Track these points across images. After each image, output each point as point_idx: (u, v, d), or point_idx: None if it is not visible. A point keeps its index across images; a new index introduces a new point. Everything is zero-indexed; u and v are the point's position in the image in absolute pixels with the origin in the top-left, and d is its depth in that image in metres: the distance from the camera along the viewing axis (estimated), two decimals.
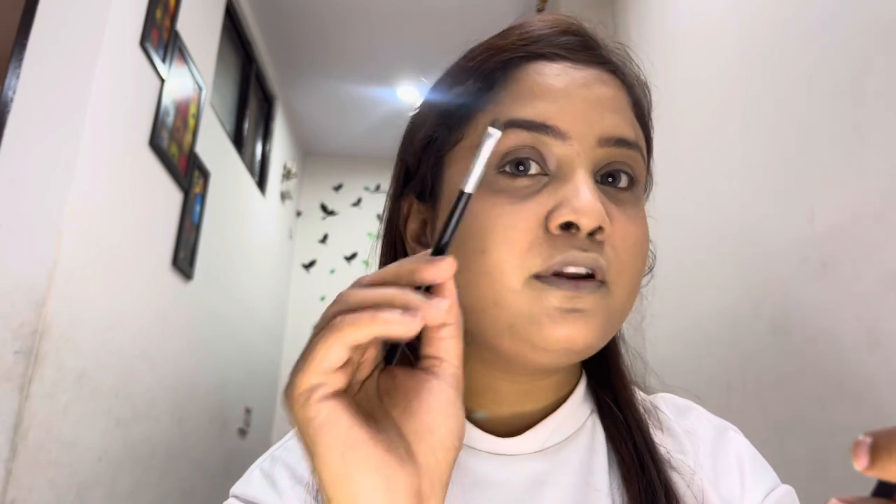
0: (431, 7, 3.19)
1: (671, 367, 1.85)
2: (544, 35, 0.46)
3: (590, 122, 0.42)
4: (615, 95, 0.45)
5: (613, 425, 0.48)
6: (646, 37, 2.29)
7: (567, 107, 0.42)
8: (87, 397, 1.77)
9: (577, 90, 0.43)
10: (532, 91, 0.43)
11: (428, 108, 0.49)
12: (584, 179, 0.41)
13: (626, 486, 0.44)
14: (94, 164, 1.76)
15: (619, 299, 0.42)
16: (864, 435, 0.20)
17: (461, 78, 0.47)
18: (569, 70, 0.44)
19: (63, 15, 1.76)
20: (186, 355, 2.52)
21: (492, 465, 0.45)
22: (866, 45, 1.04)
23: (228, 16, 2.99)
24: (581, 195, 0.39)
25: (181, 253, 2.38)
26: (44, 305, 1.56)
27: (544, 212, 0.40)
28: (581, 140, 0.42)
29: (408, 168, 0.50)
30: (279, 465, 0.47)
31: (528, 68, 0.44)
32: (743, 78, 1.51)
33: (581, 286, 0.40)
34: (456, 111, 0.46)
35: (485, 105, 0.44)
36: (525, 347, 0.41)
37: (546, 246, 0.40)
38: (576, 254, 0.40)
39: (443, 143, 0.46)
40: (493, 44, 0.47)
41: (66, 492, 1.68)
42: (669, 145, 2.00)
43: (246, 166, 3.34)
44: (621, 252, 0.42)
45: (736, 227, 1.49)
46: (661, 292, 2.09)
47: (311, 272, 4.51)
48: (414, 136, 0.49)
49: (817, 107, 1.18)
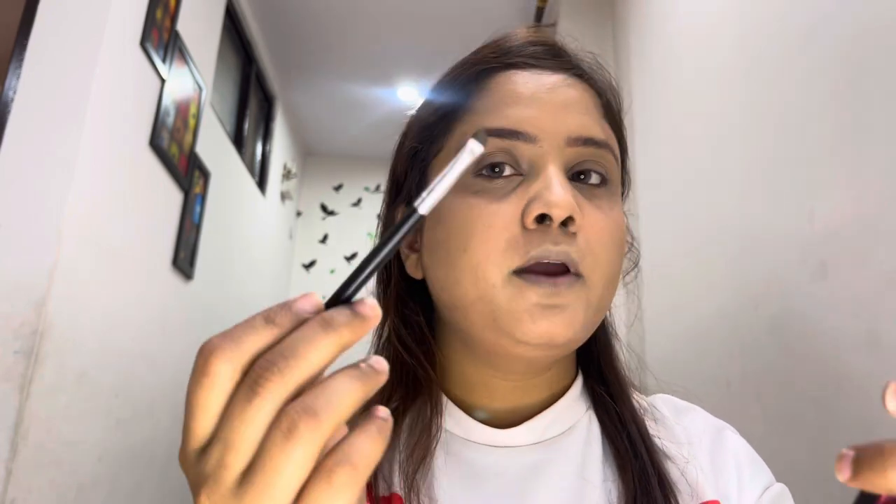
0: (431, 7, 3.19)
1: (671, 366, 1.85)
2: (514, 47, 0.49)
3: (557, 124, 0.45)
4: (581, 97, 0.47)
5: (608, 417, 0.50)
6: (646, 37, 2.29)
7: (535, 111, 0.45)
8: (87, 397, 1.77)
9: (543, 94, 0.46)
10: (503, 100, 0.46)
11: (412, 123, 0.52)
12: (554, 174, 0.43)
13: (621, 474, 0.46)
14: (94, 164, 1.76)
15: (597, 290, 0.44)
16: (847, 448, 0.21)
17: (440, 93, 0.50)
18: (536, 76, 0.47)
19: (63, 15, 1.76)
20: (186, 355, 2.52)
21: (490, 457, 0.47)
22: (866, 44, 1.04)
23: (228, 16, 3.00)
24: (552, 188, 0.42)
25: (181, 253, 2.38)
26: (44, 305, 1.56)
27: (520, 209, 0.43)
28: (550, 140, 0.44)
29: (397, 178, 0.53)
30: None
31: (498, 78, 0.47)
32: (742, 78, 1.51)
33: (559, 282, 0.42)
34: (436, 123, 0.49)
35: (461, 115, 0.47)
36: (509, 341, 0.43)
37: (523, 242, 0.42)
38: (549, 247, 0.42)
39: (426, 153, 0.49)
40: (468, 59, 0.50)
41: (66, 492, 1.68)
42: (669, 145, 2.00)
43: (246, 166, 3.34)
44: (594, 243, 0.43)
45: (735, 227, 1.49)
46: (661, 292, 2.09)
47: (311, 272, 4.51)
48: (401, 149, 0.52)
49: (817, 106, 1.18)
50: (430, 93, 0.52)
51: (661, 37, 2.13)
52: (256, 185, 3.58)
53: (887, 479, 0.20)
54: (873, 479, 0.20)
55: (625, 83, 2.48)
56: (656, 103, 2.15)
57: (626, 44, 2.49)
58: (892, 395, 0.21)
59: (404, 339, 0.50)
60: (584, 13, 2.73)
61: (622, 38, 2.55)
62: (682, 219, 1.85)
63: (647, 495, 0.44)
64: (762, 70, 1.41)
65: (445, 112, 0.48)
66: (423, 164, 0.49)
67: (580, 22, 2.72)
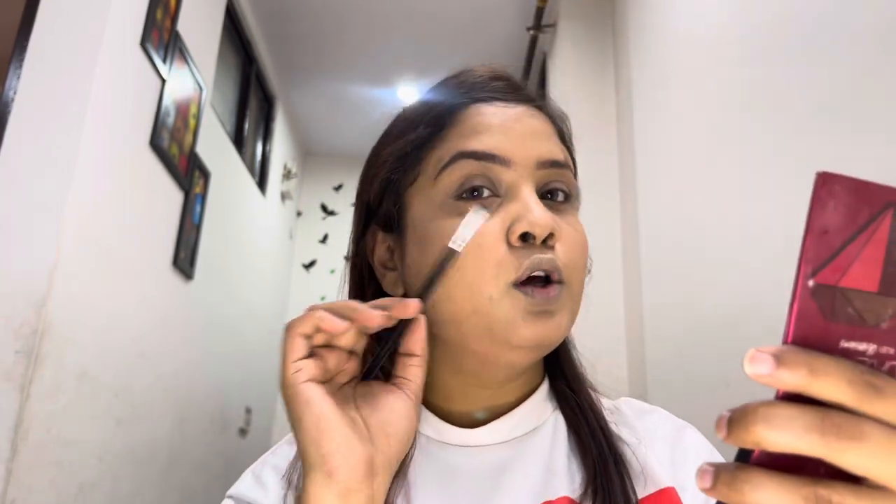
0: (431, 7, 3.19)
1: (671, 366, 1.85)
2: (478, 82, 0.54)
3: (527, 149, 0.50)
4: (543, 126, 0.53)
5: (570, 408, 0.55)
6: (645, 36, 2.29)
7: (507, 138, 0.50)
8: (87, 397, 1.78)
9: (512, 124, 0.51)
10: (475, 128, 0.51)
11: (382, 154, 0.56)
12: (531, 196, 0.48)
13: (582, 459, 0.51)
14: (94, 164, 1.76)
15: (576, 292, 0.50)
16: (726, 411, 0.24)
17: (411, 126, 0.54)
18: (503, 108, 0.52)
19: (63, 15, 1.77)
20: (186, 355, 2.52)
21: (462, 456, 0.52)
22: (867, 44, 1.04)
23: (229, 16, 3.00)
24: (532, 210, 0.47)
25: (181, 253, 2.38)
26: (44, 305, 1.56)
27: (504, 228, 0.48)
28: (523, 164, 0.50)
29: (368, 205, 0.57)
30: (268, 467, 0.55)
31: (468, 110, 0.52)
32: (743, 78, 1.51)
33: (550, 293, 0.47)
34: (410, 153, 0.53)
35: (435, 144, 0.52)
36: (503, 347, 0.48)
37: (513, 257, 0.47)
38: (539, 257, 0.47)
39: (401, 181, 0.54)
40: (435, 94, 0.55)
41: (67, 492, 1.68)
42: (669, 145, 2.00)
43: (246, 166, 3.34)
44: (570, 252, 0.49)
45: (736, 227, 1.49)
46: (661, 291, 2.09)
47: (312, 272, 4.51)
48: (373, 178, 0.56)
49: (817, 106, 1.18)
50: (397, 127, 0.56)
51: (661, 36, 2.13)
52: (256, 185, 3.58)
53: (752, 434, 0.23)
54: (742, 435, 0.23)
55: (625, 83, 2.48)
56: (656, 103, 2.15)
57: (625, 44, 2.49)
58: (748, 361, 0.24)
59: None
60: (584, 13, 2.73)
61: (622, 37, 2.55)
62: (682, 219, 1.85)
63: (605, 475, 0.49)
64: (762, 69, 1.41)
65: (418, 143, 0.53)
66: (399, 192, 0.54)
67: (580, 22, 2.72)
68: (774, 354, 0.23)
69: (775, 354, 0.23)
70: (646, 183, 2.19)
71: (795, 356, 0.23)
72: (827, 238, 0.24)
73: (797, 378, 0.23)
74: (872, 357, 0.25)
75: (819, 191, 0.24)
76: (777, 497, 0.23)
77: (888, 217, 0.24)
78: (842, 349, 0.24)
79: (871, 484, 0.23)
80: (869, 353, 0.25)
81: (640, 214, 2.21)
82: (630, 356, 2.19)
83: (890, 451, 0.22)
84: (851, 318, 0.24)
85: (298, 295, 4.40)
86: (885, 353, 0.25)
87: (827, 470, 0.24)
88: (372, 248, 0.56)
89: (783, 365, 0.23)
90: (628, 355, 2.21)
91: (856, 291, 0.24)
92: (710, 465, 0.25)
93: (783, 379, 0.23)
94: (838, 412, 0.23)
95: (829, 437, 0.22)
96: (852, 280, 0.24)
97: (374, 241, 0.56)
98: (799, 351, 0.24)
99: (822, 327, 0.24)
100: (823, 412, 0.23)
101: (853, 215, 0.24)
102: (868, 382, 0.23)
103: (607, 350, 2.19)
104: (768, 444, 0.23)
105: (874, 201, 0.24)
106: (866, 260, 0.24)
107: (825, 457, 0.23)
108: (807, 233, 0.24)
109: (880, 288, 0.25)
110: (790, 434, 0.23)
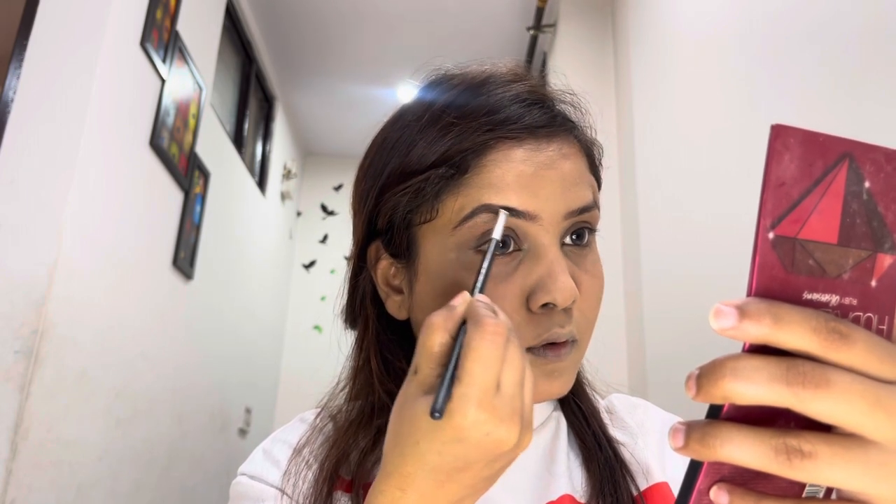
0: (431, 7, 3.19)
1: (671, 366, 1.85)
2: (510, 115, 0.48)
3: (556, 201, 0.47)
4: (575, 165, 0.49)
5: (573, 415, 0.56)
6: (645, 36, 2.29)
7: (535, 191, 0.47)
8: (87, 397, 1.78)
9: (543, 172, 0.47)
10: (503, 178, 0.47)
11: (391, 173, 0.51)
12: (556, 259, 0.46)
13: (587, 464, 0.52)
14: (94, 164, 1.76)
15: (584, 347, 0.50)
16: (695, 368, 0.24)
17: (424, 151, 0.48)
18: (533, 153, 0.48)
19: (63, 15, 1.76)
20: (186, 355, 2.52)
21: None
22: (867, 44, 1.04)
23: (228, 16, 3.00)
24: (557, 279, 0.45)
25: (181, 253, 2.38)
26: (44, 305, 1.56)
27: (525, 291, 0.46)
28: (550, 218, 0.47)
29: (371, 220, 0.53)
30: (279, 443, 0.55)
31: (495, 154, 0.47)
32: (743, 77, 1.51)
33: (561, 350, 0.47)
34: (429, 192, 0.48)
35: (457, 189, 0.47)
36: None
37: (532, 325, 0.46)
38: (558, 331, 0.46)
39: (414, 216, 0.49)
40: (462, 120, 0.48)
41: (66, 492, 1.68)
42: (669, 145, 2.00)
43: (246, 166, 3.34)
44: (587, 311, 0.49)
45: (736, 227, 1.49)
46: (661, 291, 2.09)
47: (312, 272, 4.51)
48: (378, 196, 0.52)
49: (817, 105, 1.18)
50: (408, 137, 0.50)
51: (661, 36, 2.13)
52: (256, 185, 3.58)
53: (720, 388, 0.23)
54: (711, 390, 0.23)
55: (625, 83, 2.48)
56: (656, 103, 2.15)
57: (626, 44, 2.49)
58: (713, 316, 0.24)
59: (386, 384, 0.52)
60: (584, 13, 2.73)
61: (622, 37, 2.55)
62: (682, 219, 1.85)
63: (613, 481, 0.51)
64: (763, 68, 1.41)
65: (437, 184, 0.48)
66: (409, 224, 0.50)
67: (580, 22, 2.72)
68: (738, 307, 0.23)
69: (739, 307, 0.23)
70: (646, 183, 2.19)
71: (759, 306, 0.23)
72: (784, 190, 0.24)
73: (761, 328, 0.23)
74: (835, 308, 0.25)
75: (774, 143, 0.24)
76: (747, 449, 0.23)
77: (843, 168, 0.24)
78: (805, 301, 0.24)
79: (841, 432, 0.23)
80: (832, 304, 0.25)
81: (640, 214, 2.21)
82: (630, 356, 2.19)
83: (856, 397, 0.22)
84: (813, 269, 0.24)
85: (298, 295, 4.40)
86: (848, 303, 0.25)
87: (798, 423, 0.24)
88: (375, 262, 0.54)
89: (747, 316, 0.23)
90: (628, 355, 2.21)
91: (816, 243, 0.24)
92: (681, 424, 0.25)
93: (748, 331, 0.23)
94: (804, 361, 0.23)
95: (795, 386, 0.22)
96: (811, 232, 0.24)
97: (377, 256, 0.54)
98: (762, 301, 0.23)
99: (784, 279, 0.24)
100: (789, 361, 0.23)
101: (809, 167, 0.24)
102: (833, 329, 0.23)
103: (607, 350, 2.19)
104: (736, 396, 0.23)
105: (829, 153, 0.24)
106: (824, 211, 0.24)
107: (793, 406, 0.23)
108: (764, 185, 0.24)
109: (839, 239, 0.25)
110: (756, 385, 0.23)
